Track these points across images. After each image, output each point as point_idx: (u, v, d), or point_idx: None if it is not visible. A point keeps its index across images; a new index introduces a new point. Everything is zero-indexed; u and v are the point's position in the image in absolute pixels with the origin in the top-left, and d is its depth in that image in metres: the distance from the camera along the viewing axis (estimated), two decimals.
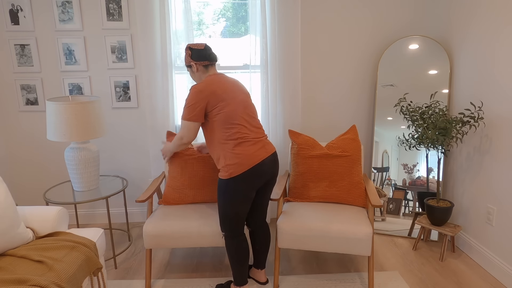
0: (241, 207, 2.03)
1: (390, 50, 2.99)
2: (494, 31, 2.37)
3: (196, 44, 2.08)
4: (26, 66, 2.94)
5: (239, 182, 1.96)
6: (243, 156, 1.95)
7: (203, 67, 2.07)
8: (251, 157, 1.96)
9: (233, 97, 1.98)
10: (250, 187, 2.00)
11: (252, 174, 1.97)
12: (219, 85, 1.97)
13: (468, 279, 2.40)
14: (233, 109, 1.97)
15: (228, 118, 1.95)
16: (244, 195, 2.00)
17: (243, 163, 1.95)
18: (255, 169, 1.97)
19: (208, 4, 3.06)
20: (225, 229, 2.09)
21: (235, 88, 2.04)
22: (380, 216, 3.04)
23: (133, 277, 2.45)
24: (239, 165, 1.94)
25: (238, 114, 1.98)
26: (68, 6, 2.85)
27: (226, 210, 2.03)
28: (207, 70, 2.08)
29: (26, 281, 1.50)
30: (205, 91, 1.94)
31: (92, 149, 2.59)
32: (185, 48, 2.09)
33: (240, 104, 2.00)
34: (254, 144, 2.00)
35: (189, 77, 2.95)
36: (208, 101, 1.94)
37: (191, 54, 2.06)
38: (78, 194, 2.53)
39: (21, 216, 1.96)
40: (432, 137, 2.50)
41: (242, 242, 2.10)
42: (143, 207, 3.31)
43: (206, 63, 2.06)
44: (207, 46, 2.08)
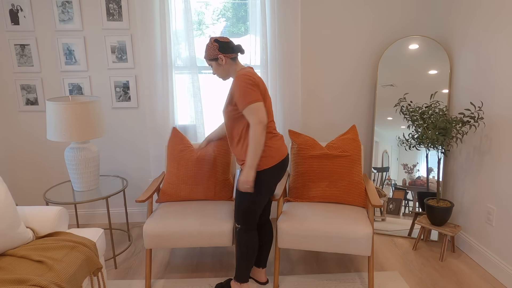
0: (263, 200, 2.05)
1: (390, 50, 2.99)
2: (494, 31, 2.37)
3: (221, 37, 2.04)
4: (26, 66, 2.94)
5: (269, 174, 1.99)
6: (275, 149, 2.00)
7: (231, 60, 2.03)
8: (280, 150, 2.02)
9: (266, 93, 2.03)
10: (276, 180, 2.05)
11: (280, 167, 2.02)
12: (258, 77, 1.97)
13: (468, 279, 2.40)
14: (269, 104, 2.04)
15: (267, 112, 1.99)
16: (270, 188, 2.03)
17: (275, 155, 1.99)
18: (283, 163, 2.03)
19: (208, 4, 3.06)
20: (242, 222, 2.08)
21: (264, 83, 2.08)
22: (380, 216, 3.04)
23: (133, 277, 2.45)
24: (271, 158, 1.97)
25: (271, 109, 2.07)
26: (68, 6, 2.85)
27: (248, 203, 2.03)
28: (235, 63, 2.05)
29: (26, 281, 1.50)
30: (253, 78, 1.92)
31: (92, 149, 2.59)
32: (210, 41, 2.02)
33: (270, 101, 2.07)
34: (280, 138, 2.08)
35: (189, 77, 2.95)
36: (259, 86, 1.93)
37: (218, 46, 1.99)
38: (78, 194, 2.53)
39: (21, 216, 1.96)
40: (432, 137, 2.50)
41: (255, 237, 2.10)
42: (143, 207, 3.31)
43: (234, 56, 2.02)
44: (230, 40, 2.06)
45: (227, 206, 2.45)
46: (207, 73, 3.20)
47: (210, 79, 3.22)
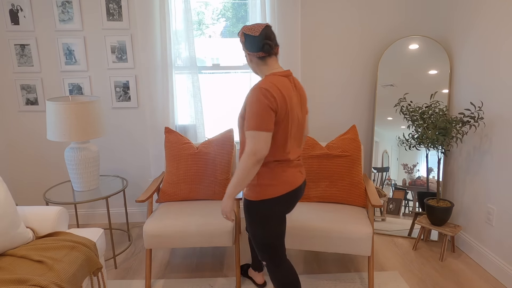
0: (277, 231, 1.71)
1: (390, 50, 2.99)
2: (494, 31, 2.37)
3: (252, 27, 1.62)
4: (26, 66, 2.94)
5: (275, 204, 1.65)
6: (283, 177, 1.65)
7: (258, 59, 1.65)
8: (291, 179, 1.67)
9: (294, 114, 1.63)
10: (286, 210, 1.72)
11: (289, 198, 1.68)
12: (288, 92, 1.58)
13: (468, 279, 2.40)
14: (289, 126, 1.61)
15: (282, 135, 1.60)
16: (280, 217, 1.70)
17: (282, 185, 1.64)
18: (293, 193, 1.68)
19: (208, 4, 3.06)
20: (266, 258, 1.75)
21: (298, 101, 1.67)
22: (380, 216, 3.04)
23: (133, 277, 2.45)
24: (276, 187, 1.63)
25: (292, 135, 1.65)
26: (68, 6, 2.85)
27: (262, 237, 1.71)
28: (265, 63, 1.65)
29: (26, 281, 1.50)
30: (276, 95, 1.53)
31: (92, 149, 2.59)
32: (239, 32, 1.68)
33: (297, 125, 1.67)
34: (295, 166, 1.71)
35: (189, 77, 2.95)
36: (276, 108, 1.54)
37: (244, 41, 1.65)
38: (78, 194, 2.53)
39: (21, 216, 1.96)
40: (432, 137, 2.50)
41: (288, 269, 1.76)
42: (143, 207, 3.31)
43: (260, 55, 1.63)
44: (265, 31, 1.61)
45: None
46: (207, 73, 3.20)
47: (210, 79, 3.23)
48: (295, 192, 1.69)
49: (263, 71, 1.67)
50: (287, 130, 1.60)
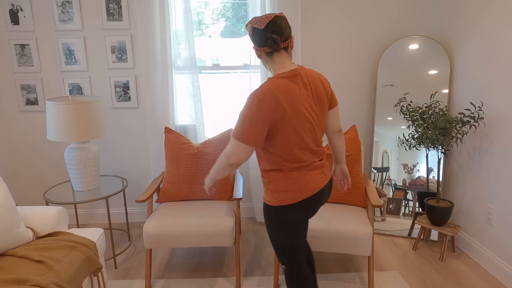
0: (298, 236, 1.64)
1: (390, 50, 2.99)
2: (494, 31, 2.37)
3: (260, 19, 1.47)
4: (26, 66, 2.94)
5: (294, 210, 1.57)
6: (302, 182, 1.56)
7: (266, 55, 1.52)
8: (311, 183, 1.57)
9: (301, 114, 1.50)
10: (307, 214, 1.62)
11: (310, 202, 1.59)
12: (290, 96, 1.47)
13: (468, 279, 2.40)
14: (299, 129, 1.51)
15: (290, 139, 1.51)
16: (300, 222, 1.62)
17: (301, 190, 1.56)
18: (314, 197, 1.59)
19: (208, 4, 3.06)
20: (284, 261, 1.70)
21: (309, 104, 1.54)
22: (380, 216, 3.04)
23: (133, 277, 2.45)
24: (295, 193, 1.55)
25: (303, 140, 1.55)
26: (68, 6, 2.85)
27: (283, 241, 1.64)
28: (272, 59, 1.52)
29: (26, 281, 1.50)
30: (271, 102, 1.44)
31: (92, 149, 2.59)
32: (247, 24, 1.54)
33: (310, 129, 1.55)
34: (315, 168, 1.60)
35: (189, 77, 2.95)
36: (273, 118, 1.45)
37: (251, 34, 1.51)
38: (78, 194, 2.53)
39: (21, 216, 1.96)
40: (432, 137, 2.50)
41: (306, 276, 1.72)
42: (143, 207, 3.31)
43: (267, 50, 1.49)
44: (272, 23, 1.45)
45: (227, 206, 2.45)
46: (207, 73, 3.20)
47: (210, 79, 3.23)
48: (316, 196, 1.59)
49: (271, 68, 1.56)
50: (290, 135, 1.50)
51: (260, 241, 2.91)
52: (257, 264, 2.59)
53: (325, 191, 1.64)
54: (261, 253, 2.73)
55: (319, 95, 1.58)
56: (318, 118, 1.59)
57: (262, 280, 2.40)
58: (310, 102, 1.54)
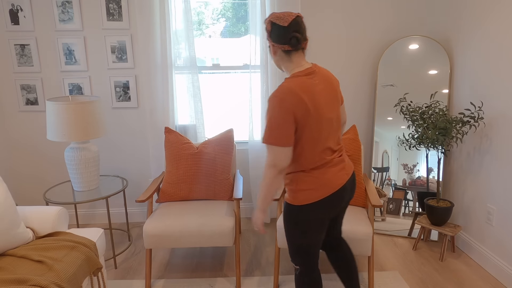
0: (317, 236, 1.62)
1: (390, 50, 2.99)
2: (494, 31, 2.37)
3: (281, 15, 1.46)
4: (26, 66, 2.94)
5: (315, 210, 1.55)
6: (322, 180, 1.54)
7: (283, 53, 1.51)
8: (331, 181, 1.55)
9: (322, 116, 1.49)
10: (328, 214, 1.60)
11: (331, 200, 1.57)
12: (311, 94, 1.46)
13: (468, 279, 2.40)
14: (320, 128, 1.50)
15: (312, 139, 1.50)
16: (320, 223, 1.59)
17: (322, 188, 1.54)
18: (336, 195, 1.57)
19: (208, 4, 3.06)
20: (299, 261, 1.68)
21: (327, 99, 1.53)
22: (380, 216, 3.04)
23: (133, 277, 2.45)
24: (316, 191, 1.54)
25: (325, 138, 1.53)
26: (68, 6, 2.85)
27: (297, 241, 1.64)
28: (290, 58, 1.52)
29: (26, 281, 1.50)
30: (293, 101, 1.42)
31: (92, 149, 2.59)
32: (266, 19, 1.51)
33: (329, 127, 1.55)
34: (334, 165, 1.58)
35: (189, 77, 2.95)
36: (296, 116, 1.44)
37: (270, 30, 1.49)
38: (78, 194, 2.53)
39: (21, 216, 1.96)
40: (432, 137, 2.50)
41: (317, 278, 1.70)
42: (143, 207, 3.31)
43: (286, 48, 1.48)
44: (295, 22, 1.45)
45: (227, 205, 2.45)
46: (207, 73, 3.20)
47: (210, 79, 3.23)
48: (337, 194, 1.57)
49: (287, 68, 1.55)
50: (312, 135, 1.49)
51: (260, 241, 2.91)
52: (257, 264, 2.60)
53: (347, 188, 1.61)
54: (261, 253, 2.73)
55: (334, 91, 1.58)
56: (336, 114, 1.58)
57: (262, 280, 2.40)
58: (328, 99, 1.54)
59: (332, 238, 1.87)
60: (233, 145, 2.61)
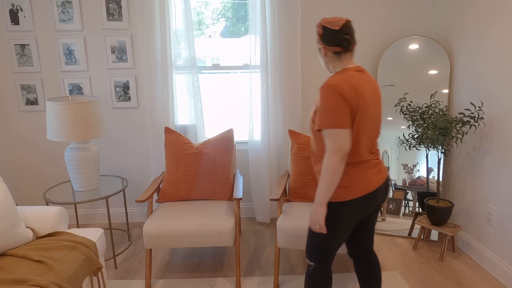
0: (340, 238, 1.64)
1: (390, 50, 2.99)
2: (494, 31, 2.37)
3: (332, 20, 1.56)
4: (26, 66, 2.94)
5: (347, 208, 1.56)
6: (359, 179, 1.56)
7: (334, 54, 1.59)
8: (367, 182, 1.57)
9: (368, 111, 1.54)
10: (357, 216, 1.61)
11: (365, 202, 1.58)
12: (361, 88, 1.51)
13: (468, 279, 2.40)
14: (363, 124, 1.53)
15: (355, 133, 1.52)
16: (348, 223, 1.61)
17: (357, 187, 1.55)
18: (370, 197, 1.58)
19: (208, 4, 3.06)
20: (315, 259, 1.69)
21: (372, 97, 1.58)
22: (380, 216, 3.04)
23: (133, 277, 2.45)
24: (351, 189, 1.55)
25: (367, 134, 1.56)
26: (68, 6, 2.85)
27: (321, 239, 1.64)
28: (339, 59, 1.60)
29: (26, 281, 1.50)
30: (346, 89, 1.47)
31: (92, 149, 2.59)
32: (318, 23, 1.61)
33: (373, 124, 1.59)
34: (372, 167, 1.60)
35: (189, 77, 2.95)
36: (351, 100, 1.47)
37: (321, 33, 1.58)
38: (78, 194, 2.53)
39: (21, 216, 1.96)
40: (432, 137, 2.50)
41: (329, 277, 1.71)
42: (143, 207, 3.31)
43: (337, 50, 1.57)
44: (345, 27, 1.55)
45: (227, 205, 2.45)
46: (207, 73, 3.20)
47: (210, 79, 3.23)
48: (371, 196, 1.57)
49: (336, 67, 1.62)
50: (359, 127, 1.51)
51: (260, 241, 2.91)
52: (257, 264, 2.60)
53: (380, 191, 1.61)
54: (261, 253, 2.73)
55: (377, 94, 1.63)
56: (378, 114, 1.62)
57: (262, 280, 2.40)
58: (373, 98, 1.58)
59: (363, 248, 1.82)
60: (233, 145, 2.61)
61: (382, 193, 1.64)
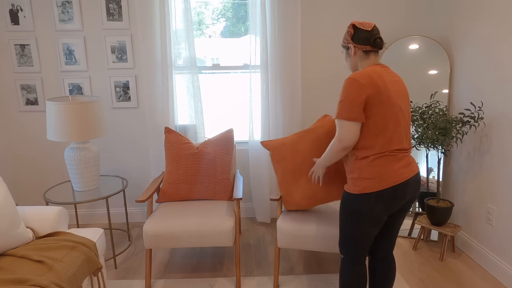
0: (368, 230, 1.67)
1: (390, 50, 2.99)
2: (494, 31, 2.37)
3: (363, 23, 1.69)
4: (26, 66, 2.94)
5: (373, 200, 1.61)
6: (385, 171, 1.59)
7: (363, 53, 1.69)
8: (394, 174, 1.59)
9: (394, 103, 1.60)
10: (385, 209, 1.63)
11: (392, 194, 1.60)
12: (382, 80, 1.59)
13: (468, 279, 2.40)
14: (392, 117, 1.60)
15: (382, 126, 1.59)
16: (375, 216, 1.64)
17: (384, 179, 1.59)
18: (397, 189, 1.60)
19: (208, 4, 3.06)
20: (344, 251, 1.76)
21: (398, 89, 1.65)
22: None
23: (133, 277, 2.45)
24: (378, 181, 1.59)
25: (394, 124, 1.61)
26: (68, 6, 2.85)
27: (349, 230, 1.70)
28: (368, 57, 1.70)
29: (26, 281, 1.50)
30: (366, 84, 1.56)
31: (92, 149, 2.59)
32: (349, 25, 1.73)
33: (400, 115, 1.63)
34: (399, 159, 1.63)
35: (189, 77, 2.95)
36: (369, 95, 1.56)
37: (352, 33, 1.70)
38: (78, 194, 2.54)
39: (21, 216, 1.96)
40: (432, 137, 2.50)
41: (360, 274, 1.74)
42: (143, 207, 3.31)
43: (367, 48, 1.67)
44: (375, 29, 1.69)
45: (227, 205, 2.45)
46: (207, 73, 3.20)
47: (210, 79, 3.23)
48: (397, 189, 1.60)
49: (363, 65, 1.71)
50: (384, 117, 1.58)
51: (260, 241, 2.92)
52: (257, 264, 2.60)
53: (409, 186, 1.63)
54: (261, 253, 2.73)
55: (404, 89, 1.70)
56: (406, 106, 1.68)
57: (262, 280, 2.40)
58: (399, 91, 1.65)
59: (381, 247, 1.83)
60: (233, 145, 2.61)
61: (412, 187, 1.65)
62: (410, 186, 1.64)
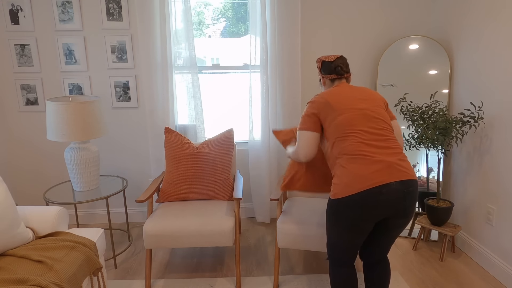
0: (346, 237, 1.66)
1: (390, 50, 2.99)
2: (494, 31, 2.37)
3: (327, 56, 1.94)
4: (26, 66, 2.94)
5: (342, 206, 1.58)
6: (353, 175, 1.55)
7: (329, 81, 1.92)
8: (363, 179, 1.53)
9: (349, 107, 1.70)
10: (360, 217, 1.56)
11: (360, 201, 1.53)
12: (334, 95, 1.76)
13: (468, 279, 2.40)
14: (348, 118, 1.67)
15: (341, 127, 1.66)
16: (351, 223, 1.60)
17: (350, 184, 1.54)
18: (365, 196, 1.52)
19: (208, 4, 3.06)
20: (328, 254, 1.80)
21: (357, 97, 1.75)
22: None
23: (133, 277, 2.45)
24: (345, 186, 1.56)
25: (355, 124, 1.65)
26: (68, 6, 2.85)
27: (330, 234, 1.74)
28: (333, 84, 1.91)
29: (26, 281, 1.50)
30: (317, 101, 1.78)
31: (92, 149, 2.59)
32: (317, 60, 1.99)
33: (360, 115, 1.67)
34: (372, 163, 1.55)
35: (189, 77, 2.95)
36: (320, 111, 1.75)
37: (320, 66, 1.95)
38: (78, 194, 2.54)
39: (21, 216, 1.96)
40: (432, 137, 2.50)
41: (346, 275, 1.75)
42: (143, 207, 3.31)
43: (333, 77, 1.90)
44: (338, 59, 1.90)
45: (227, 205, 2.45)
46: (207, 73, 3.20)
47: (210, 79, 3.23)
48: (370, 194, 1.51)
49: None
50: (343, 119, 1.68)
51: (260, 241, 2.92)
52: (257, 264, 2.60)
53: (382, 194, 1.52)
54: (261, 253, 2.73)
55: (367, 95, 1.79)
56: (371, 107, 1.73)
57: (262, 280, 2.40)
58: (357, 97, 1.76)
59: (374, 253, 1.80)
60: (233, 145, 2.61)
61: (392, 195, 1.52)
62: (386, 194, 1.51)
